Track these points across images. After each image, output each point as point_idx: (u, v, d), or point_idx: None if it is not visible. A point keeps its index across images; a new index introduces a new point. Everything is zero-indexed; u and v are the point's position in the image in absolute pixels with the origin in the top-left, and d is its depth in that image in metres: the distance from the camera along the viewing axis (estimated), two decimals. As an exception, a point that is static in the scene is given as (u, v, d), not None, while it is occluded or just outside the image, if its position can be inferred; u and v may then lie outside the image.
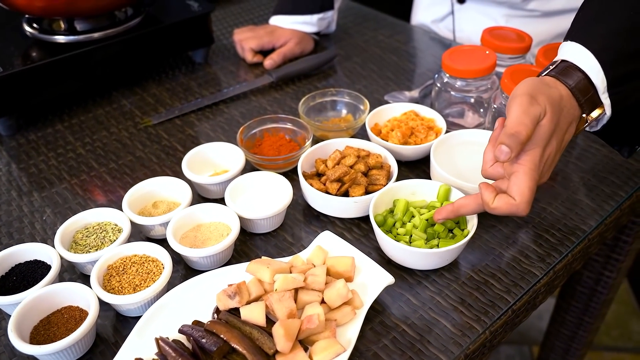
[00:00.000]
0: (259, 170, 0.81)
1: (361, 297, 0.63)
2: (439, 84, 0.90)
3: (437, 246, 0.67)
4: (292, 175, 0.83)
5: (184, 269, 0.70)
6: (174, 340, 0.58)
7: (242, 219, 0.72)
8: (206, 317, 0.62)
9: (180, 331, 0.59)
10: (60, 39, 0.95)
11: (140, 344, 0.59)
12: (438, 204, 0.72)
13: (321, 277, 0.62)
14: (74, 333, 0.57)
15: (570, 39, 0.64)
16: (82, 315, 0.61)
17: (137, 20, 1.01)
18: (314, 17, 1.10)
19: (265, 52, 1.11)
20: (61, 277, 0.70)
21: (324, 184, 0.75)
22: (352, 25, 1.25)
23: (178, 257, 0.71)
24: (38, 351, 0.57)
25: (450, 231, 0.70)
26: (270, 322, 0.60)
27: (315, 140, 0.88)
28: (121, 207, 0.73)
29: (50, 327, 0.61)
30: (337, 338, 0.59)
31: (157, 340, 0.57)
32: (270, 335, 0.57)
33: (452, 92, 0.88)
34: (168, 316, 0.61)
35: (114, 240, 0.69)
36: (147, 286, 0.63)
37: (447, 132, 0.84)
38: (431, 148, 0.78)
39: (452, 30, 1.18)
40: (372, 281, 0.64)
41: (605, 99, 0.63)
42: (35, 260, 0.67)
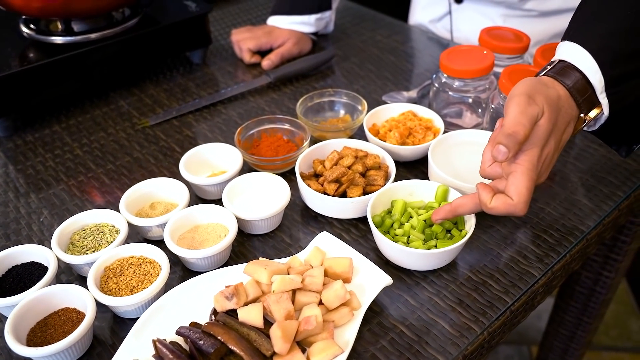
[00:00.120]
0: (257, 171, 0.81)
1: (359, 298, 0.62)
2: (436, 84, 0.90)
3: (435, 247, 0.67)
4: (290, 176, 0.82)
5: (182, 270, 0.70)
6: (171, 342, 0.58)
7: (239, 220, 0.72)
8: (204, 318, 0.61)
9: (178, 333, 0.59)
10: (58, 39, 0.95)
11: (137, 346, 0.58)
12: (436, 204, 0.72)
13: (319, 278, 0.62)
14: (71, 335, 0.57)
15: (568, 38, 0.64)
16: (79, 317, 0.61)
17: (134, 21, 1.01)
18: (312, 18, 1.10)
19: (263, 53, 1.11)
20: (58, 278, 0.69)
21: (322, 185, 0.75)
22: (350, 25, 1.24)
23: (176, 259, 0.71)
24: (35, 353, 0.56)
25: (448, 232, 0.70)
26: (268, 323, 0.59)
27: (313, 141, 0.88)
28: (118, 208, 0.72)
29: (47, 329, 0.60)
30: (335, 339, 0.59)
31: (154, 342, 0.57)
32: (268, 336, 0.57)
33: (450, 92, 0.88)
34: (165, 318, 0.61)
35: (111, 242, 0.68)
36: (145, 288, 0.63)
37: (445, 132, 0.84)
38: (429, 148, 0.78)
39: (450, 30, 1.18)
40: (370, 282, 0.64)
41: (603, 99, 0.63)
42: (32, 262, 0.67)
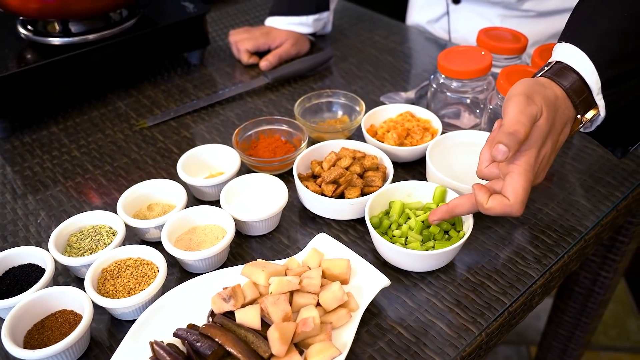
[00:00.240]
0: (255, 172, 0.81)
1: (357, 299, 0.62)
2: (434, 85, 0.89)
3: (433, 248, 0.67)
4: (287, 177, 0.82)
5: (179, 271, 0.70)
6: (168, 344, 0.58)
7: (237, 222, 0.71)
8: (201, 320, 0.61)
9: (175, 335, 0.59)
10: (55, 40, 0.95)
11: (134, 348, 0.58)
12: (434, 205, 0.72)
13: (316, 280, 0.62)
14: (68, 337, 0.57)
15: (565, 39, 0.64)
16: (76, 319, 0.61)
17: (132, 22, 1.01)
18: (310, 18, 1.10)
19: (261, 54, 1.11)
20: (55, 280, 0.69)
21: (320, 186, 0.75)
22: (348, 26, 1.24)
23: (173, 260, 0.71)
24: (32, 356, 0.56)
25: (446, 233, 0.70)
26: (265, 325, 0.59)
27: (311, 142, 0.87)
28: (116, 209, 0.72)
29: (44, 331, 0.60)
30: (333, 341, 0.59)
31: (151, 344, 0.57)
32: (265, 338, 0.57)
33: (448, 93, 0.88)
34: (163, 320, 0.61)
35: (109, 244, 0.68)
36: (142, 289, 0.63)
37: (443, 133, 0.83)
38: (427, 149, 0.78)
39: (448, 31, 1.18)
40: (368, 283, 0.64)
41: (600, 100, 0.63)
42: (29, 263, 0.67)
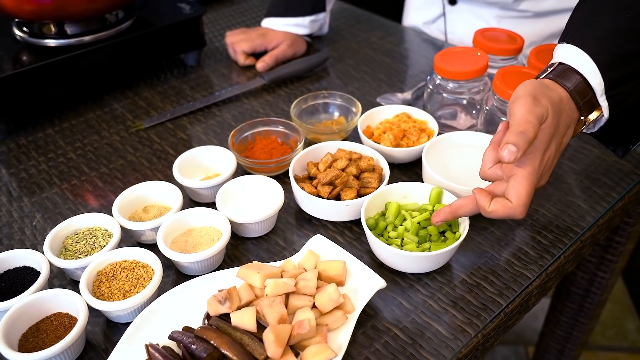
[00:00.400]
0: (251, 173, 0.81)
1: (353, 301, 0.62)
2: (431, 86, 0.89)
3: (429, 249, 0.67)
4: (284, 178, 0.82)
5: (175, 274, 0.70)
6: (164, 347, 0.57)
7: (233, 223, 0.71)
8: (197, 322, 0.61)
9: (171, 337, 0.58)
10: (51, 42, 0.95)
11: (130, 351, 0.58)
12: (430, 206, 0.72)
13: (312, 282, 0.62)
14: (63, 340, 0.57)
15: (566, 40, 0.64)
16: (71, 322, 0.61)
17: (128, 23, 1.01)
18: (306, 19, 1.10)
19: (257, 55, 1.11)
20: (51, 283, 0.69)
21: (316, 187, 0.75)
22: (345, 27, 1.24)
23: (169, 262, 0.70)
24: (26, 359, 0.56)
25: (442, 234, 0.70)
26: (261, 327, 0.59)
27: (308, 143, 0.87)
28: (112, 211, 0.72)
29: (39, 334, 0.60)
30: (329, 343, 0.58)
31: (146, 347, 0.57)
32: (261, 341, 0.57)
33: (444, 94, 0.88)
34: (158, 322, 0.61)
35: (104, 246, 0.68)
36: (137, 292, 0.62)
37: (439, 134, 0.83)
38: (423, 150, 0.78)
39: (444, 32, 1.18)
40: (364, 285, 0.64)
41: (603, 102, 0.63)
42: (25, 266, 0.67)
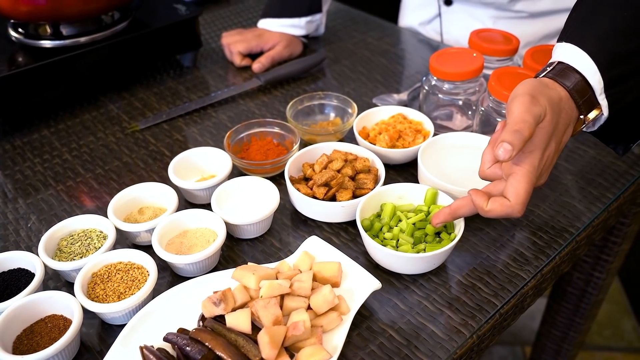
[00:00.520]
0: (247, 175, 0.81)
1: (348, 302, 0.62)
2: (426, 87, 0.89)
3: (424, 250, 0.67)
4: (279, 179, 0.82)
5: (170, 275, 0.70)
6: (158, 349, 0.57)
7: (228, 225, 0.71)
8: (192, 324, 0.61)
9: (165, 339, 0.58)
10: (46, 43, 0.94)
11: (124, 353, 0.58)
12: (425, 207, 0.72)
13: (307, 283, 0.62)
14: (57, 342, 0.57)
15: (565, 40, 0.64)
16: (66, 324, 0.61)
17: (124, 24, 1.00)
18: (302, 20, 1.10)
19: (253, 56, 1.11)
20: (46, 285, 0.69)
21: (311, 189, 0.75)
22: (341, 27, 1.24)
23: (164, 264, 0.70)
24: (21, 361, 0.56)
25: (438, 235, 0.70)
26: (256, 329, 0.59)
27: (304, 144, 0.87)
28: (107, 213, 0.72)
29: (33, 336, 0.60)
30: (324, 344, 0.58)
31: (141, 349, 0.57)
32: (256, 342, 0.57)
33: (440, 95, 0.88)
34: (153, 324, 0.61)
35: (99, 248, 0.68)
36: (132, 294, 0.62)
37: (435, 135, 0.83)
38: (419, 151, 0.78)
39: (440, 33, 1.18)
40: (359, 286, 0.64)
41: (603, 100, 0.63)
42: (19, 268, 0.67)
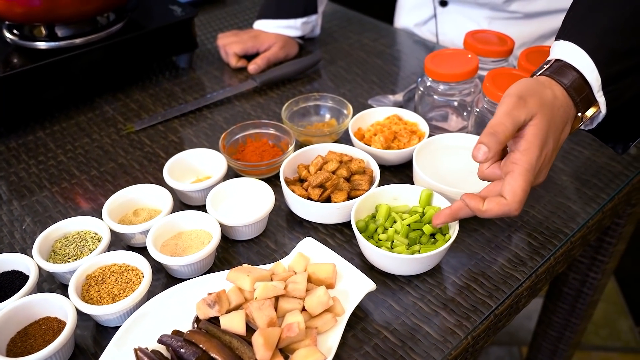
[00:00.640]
0: (242, 176, 0.81)
1: (343, 303, 0.62)
2: (422, 88, 0.90)
3: (419, 251, 0.67)
4: (275, 181, 0.82)
5: (165, 277, 0.70)
6: (153, 351, 0.57)
7: (223, 226, 0.71)
8: (186, 326, 0.61)
9: (160, 341, 0.58)
10: (42, 45, 0.94)
11: (119, 355, 0.58)
12: (420, 208, 0.72)
13: (302, 285, 0.62)
14: (51, 344, 0.57)
15: (563, 37, 0.64)
16: (60, 326, 0.61)
17: (119, 26, 1.00)
18: (298, 21, 1.10)
19: (249, 57, 1.11)
20: (40, 287, 0.69)
21: (306, 190, 0.75)
22: (337, 28, 1.24)
23: (159, 266, 0.70)
24: (15, 364, 0.56)
25: (432, 236, 0.70)
26: (250, 330, 0.59)
27: (299, 146, 0.87)
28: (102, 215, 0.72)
29: (27, 338, 0.60)
30: (318, 346, 0.58)
31: (135, 351, 0.57)
32: (250, 344, 0.57)
33: (435, 96, 0.88)
34: (147, 326, 0.61)
35: (94, 250, 0.68)
36: (127, 296, 0.62)
37: (430, 136, 0.84)
38: (414, 152, 0.78)
39: (435, 34, 1.18)
40: (354, 288, 0.64)
41: (600, 97, 0.62)
42: (13, 270, 0.66)
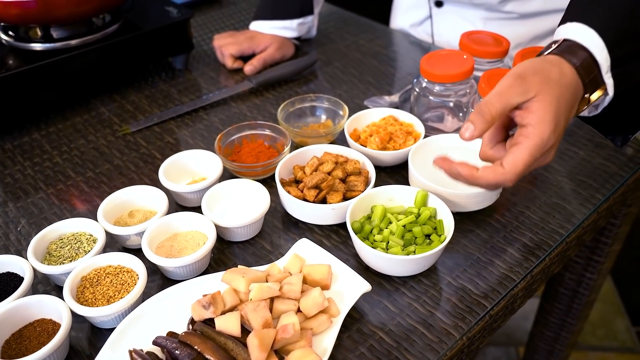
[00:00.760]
0: (238, 177, 0.81)
1: (338, 305, 0.62)
2: (417, 89, 0.90)
3: (414, 252, 0.67)
4: (271, 182, 0.82)
5: (161, 278, 0.70)
6: (147, 352, 0.57)
7: (219, 228, 0.71)
8: (181, 327, 0.61)
9: (155, 343, 0.58)
10: (37, 46, 0.94)
11: (113, 357, 0.58)
12: (415, 209, 0.72)
13: (297, 286, 0.62)
14: (46, 346, 0.57)
15: (570, 19, 0.63)
16: (54, 328, 0.61)
17: (115, 27, 1.00)
18: (294, 22, 1.10)
19: (245, 58, 1.11)
20: (35, 288, 0.69)
21: (302, 191, 0.75)
22: (333, 29, 1.24)
23: (154, 267, 0.70)
24: (9, 366, 0.56)
25: (428, 237, 0.70)
26: (245, 332, 0.59)
27: (295, 147, 0.87)
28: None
29: (22, 340, 0.60)
30: (313, 347, 0.58)
31: (130, 353, 0.57)
32: (245, 345, 0.57)
33: (431, 97, 0.88)
34: (142, 327, 0.61)
35: (89, 251, 0.68)
36: (122, 297, 0.62)
37: (426, 136, 0.84)
38: (409, 153, 0.78)
39: (431, 34, 1.19)
40: (349, 289, 0.64)
41: (609, 79, 0.62)
42: (8, 272, 0.66)
